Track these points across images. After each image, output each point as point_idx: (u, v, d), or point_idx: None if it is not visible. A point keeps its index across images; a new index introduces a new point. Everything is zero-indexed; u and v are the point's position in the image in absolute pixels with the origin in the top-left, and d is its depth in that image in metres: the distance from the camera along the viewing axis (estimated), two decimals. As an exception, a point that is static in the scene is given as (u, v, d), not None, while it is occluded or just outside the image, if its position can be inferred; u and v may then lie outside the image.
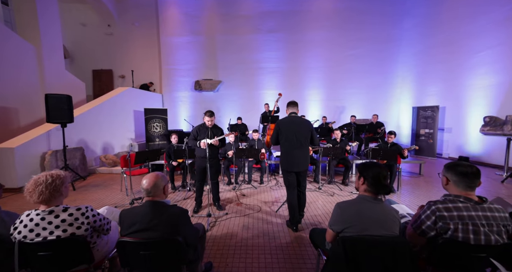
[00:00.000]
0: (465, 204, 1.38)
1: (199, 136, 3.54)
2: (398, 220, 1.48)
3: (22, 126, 6.54)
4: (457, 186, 1.43)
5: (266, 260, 2.43)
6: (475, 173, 1.37)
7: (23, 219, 1.44)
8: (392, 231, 1.43)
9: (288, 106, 3.16)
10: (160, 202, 1.57)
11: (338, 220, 1.52)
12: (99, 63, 10.98)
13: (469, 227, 1.33)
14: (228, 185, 5.03)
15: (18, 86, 6.35)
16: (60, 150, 5.26)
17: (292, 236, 2.88)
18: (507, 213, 1.35)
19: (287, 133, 2.97)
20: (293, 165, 2.98)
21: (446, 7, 7.71)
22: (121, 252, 1.50)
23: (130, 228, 1.49)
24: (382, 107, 9.92)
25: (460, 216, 1.35)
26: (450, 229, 1.35)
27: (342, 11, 9.77)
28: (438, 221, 1.39)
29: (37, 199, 1.42)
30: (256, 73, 10.26)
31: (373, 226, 1.43)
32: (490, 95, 6.36)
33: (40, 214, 1.44)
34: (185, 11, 10.26)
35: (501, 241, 1.30)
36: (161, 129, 8.25)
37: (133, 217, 1.50)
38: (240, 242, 2.78)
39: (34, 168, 5.00)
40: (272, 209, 3.76)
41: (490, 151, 6.35)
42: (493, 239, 1.30)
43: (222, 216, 3.51)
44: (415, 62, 9.12)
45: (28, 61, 6.75)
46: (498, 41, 6.19)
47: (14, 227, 1.43)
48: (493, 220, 1.32)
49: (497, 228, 1.31)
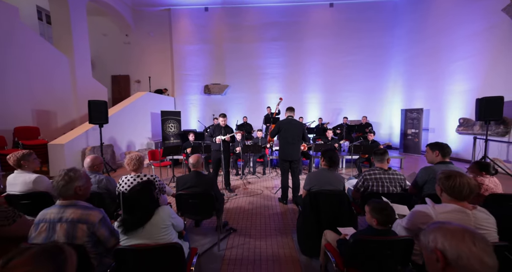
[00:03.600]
0: (379, 171, 2.37)
1: (215, 134, 4.56)
2: (342, 182, 2.48)
3: (59, 127, 7.66)
4: (377, 161, 2.42)
5: (265, 221, 3.44)
6: (383, 153, 2.36)
7: (123, 180, 2.47)
8: (338, 187, 2.43)
9: (287, 110, 4.17)
10: (200, 171, 2.59)
11: (307, 183, 2.53)
12: (118, 69, 12.11)
13: (379, 183, 2.32)
14: (236, 176, 6.04)
15: (55, 92, 7.44)
16: (97, 146, 6.33)
17: (283, 208, 3.89)
18: (403, 176, 2.34)
19: (285, 131, 3.99)
20: (287, 155, 3.99)
21: (430, 20, 8.61)
22: (178, 201, 2.52)
23: (183, 186, 2.52)
24: (375, 109, 10.86)
25: (376, 178, 2.34)
26: (370, 185, 2.35)
27: (339, 21, 10.74)
28: (365, 181, 2.38)
29: (131, 167, 2.45)
30: (260, 78, 11.28)
31: (327, 185, 2.43)
32: (465, 99, 7.27)
33: (132, 177, 2.47)
34: (196, 22, 11.32)
35: (396, 190, 2.29)
36: (175, 129, 9.30)
37: (185, 180, 2.53)
38: (246, 211, 3.79)
39: (77, 161, 6.07)
40: (271, 192, 4.76)
41: (465, 148, 7.24)
42: (392, 189, 2.29)
43: (232, 196, 4.52)
44: (405, 68, 10.03)
45: (63, 70, 7.85)
46: (471, 52, 7.09)
47: (118, 184, 2.46)
48: (393, 180, 2.31)
49: (395, 184, 2.30)
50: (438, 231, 0.82)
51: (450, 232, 0.79)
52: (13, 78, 6.03)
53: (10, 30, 5.95)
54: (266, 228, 3.21)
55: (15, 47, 6.10)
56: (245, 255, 2.58)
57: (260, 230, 3.16)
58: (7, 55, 5.88)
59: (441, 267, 0.79)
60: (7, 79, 5.86)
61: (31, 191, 2.38)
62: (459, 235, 0.78)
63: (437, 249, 0.81)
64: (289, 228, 3.20)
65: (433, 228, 0.85)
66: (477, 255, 0.74)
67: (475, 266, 0.73)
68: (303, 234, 2.48)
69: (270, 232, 3.10)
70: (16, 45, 6.12)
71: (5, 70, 5.81)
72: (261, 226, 3.29)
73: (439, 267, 0.80)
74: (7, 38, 5.88)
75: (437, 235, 0.82)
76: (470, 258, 0.74)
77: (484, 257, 0.74)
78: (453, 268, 0.77)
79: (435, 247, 0.81)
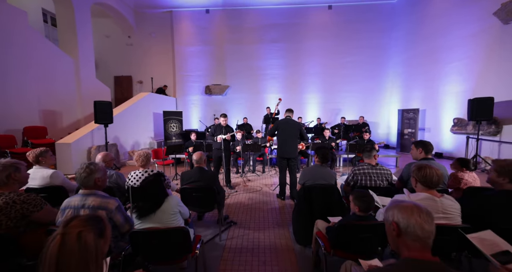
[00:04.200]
0: (367, 166, 2.58)
1: (216, 133, 4.77)
2: (334, 177, 2.69)
3: (64, 126, 7.89)
4: (365, 157, 2.63)
5: (263, 215, 3.65)
6: (370, 150, 2.57)
7: (132, 175, 2.68)
8: (329, 182, 2.64)
9: (286, 111, 4.39)
10: (203, 167, 2.81)
11: (302, 177, 2.74)
12: (120, 70, 12.34)
13: (367, 177, 2.53)
14: (237, 174, 6.26)
15: (60, 93, 7.66)
16: (102, 146, 6.56)
17: (281, 203, 4.11)
18: (389, 171, 2.55)
19: (282, 130, 4.21)
20: (284, 153, 4.20)
21: (427, 21, 8.80)
22: (182, 195, 2.74)
23: (187, 181, 2.74)
24: (373, 109, 11.07)
25: (364, 172, 2.55)
26: (359, 179, 2.56)
27: (337, 23, 10.95)
28: (354, 176, 2.60)
29: (140, 163, 2.66)
30: (260, 78, 11.50)
31: (320, 179, 2.64)
32: (459, 100, 7.47)
33: (141, 172, 2.68)
34: (197, 23, 11.55)
35: (383, 184, 2.50)
36: (177, 129, 9.52)
37: (189, 175, 2.75)
38: (245, 206, 4.00)
39: (83, 159, 6.30)
40: (270, 189, 4.98)
41: (459, 147, 7.44)
42: (379, 183, 2.50)
43: (233, 192, 4.74)
44: (402, 69, 10.23)
45: (68, 71, 8.08)
46: (465, 54, 7.29)
47: (128, 179, 2.68)
48: (380, 174, 2.53)
49: (382, 178, 2.52)
50: (395, 207, 1.03)
51: (403, 208, 1.00)
52: (21, 80, 6.26)
53: (19, 33, 6.17)
54: (264, 221, 3.43)
55: (24, 49, 6.33)
56: (244, 244, 2.79)
57: (258, 223, 3.37)
58: (16, 57, 6.11)
59: (395, 234, 1.01)
60: (15, 80, 6.09)
61: (48, 185, 2.61)
62: (409, 210, 0.99)
63: (394, 221, 1.02)
64: (286, 221, 3.41)
65: (391, 206, 1.06)
66: (420, 224, 0.95)
67: (418, 232, 0.95)
68: (298, 225, 2.69)
69: (268, 225, 3.31)
70: (24, 48, 6.35)
71: (13, 71, 6.04)
72: (259, 219, 3.50)
73: (394, 235, 1.02)
74: (16, 41, 6.11)
75: (394, 211, 1.03)
76: (415, 227, 0.95)
77: (424, 226, 0.95)
78: (404, 235, 0.98)
79: (392, 220, 1.02)
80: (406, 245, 0.98)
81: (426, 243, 0.96)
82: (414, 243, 0.96)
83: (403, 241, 0.99)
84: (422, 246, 0.96)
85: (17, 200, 1.64)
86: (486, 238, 1.29)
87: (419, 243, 0.96)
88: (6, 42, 5.88)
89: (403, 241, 1.00)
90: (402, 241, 1.00)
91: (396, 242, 1.02)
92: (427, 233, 0.94)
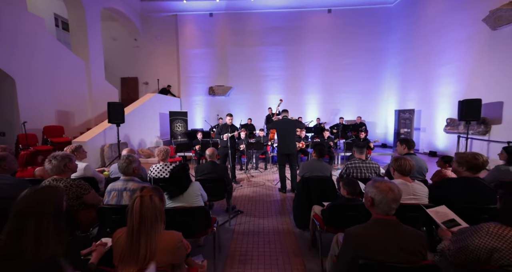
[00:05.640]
0: (359, 161, 2.98)
1: (222, 132, 5.18)
2: (329, 170, 3.09)
3: (77, 126, 8.30)
4: (357, 153, 3.03)
5: (267, 205, 4.06)
6: (362, 146, 2.97)
7: (154, 168, 3.09)
8: (325, 174, 3.04)
9: (282, 112, 4.80)
10: (214, 161, 3.21)
11: (301, 170, 3.15)
12: (127, 72, 12.75)
13: (358, 171, 2.93)
14: (241, 170, 6.66)
15: (73, 94, 8.07)
16: (114, 144, 6.97)
17: (282, 196, 4.53)
18: (377, 165, 2.95)
19: (281, 129, 4.62)
20: (284, 149, 4.62)
21: (422, 25, 9.19)
22: (197, 185, 3.13)
23: (201, 173, 3.14)
24: (371, 110, 11.47)
25: (355, 166, 2.95)
26: (351, 172, 2.96)
27: (337, 26, 11.34)
28: (347, 169, 2.99)
29: (160, 158, 3.07)
30: (262, 80, 11.90)
31: (317, 171, 3.04)
32: (451, 101, 7.84)
33: (161, 165, 3.09)
34: (201, 27, 11.96)
35: (372, 176, 2.90)
36: (183, 128, 9.93)
37: (203, 168, 3.16)
38: (250, 198, 4.41)
39: (97, 157, 6.72)
40: (272, 184, 5.37)
41: (451, 146, 7.82)
42: (368, 175, 2.90)
43: (238, 186, 5.14)
44: (399, 71, 10.61)
45: (79, 73, 8.48)
46: (457, 57, 7.67)
47: (149, 171, 3.09)
48: (370, 168, 2.92)
49: (371, 171, 2.91)
50: (373, 185, 1.40)
51: (379, 186, 1.37)
52: (41, 82, 6.69)
53: (37, 39, 6.59)
54: (268, 211, 3.83)
55: (42, 54, 6.76)
56: (251, 229, 3.20)
57: (262, 212, 3.78)
58: (37, 61, 6.54)
59: (369, 205, 1.41)
60: (36, 83, 6.52)
61: (82, 176, 3.01)
62: (384, 192, 1.32)
63: (370, 196, 1.38)
64: (287, 210, 3.82)
65: (370, 183, 1.44)
66: (388, 200, 1.31)
67: (385, 208, 1.32)
68: (298, 211, 3.09)
69: (271, 213, 3.72)
70: (42, 52, 6.77)
71: (34, 75, 6.46)
72: (263, 209, 3.91)
73: (368, 205, 1.42)
74: (38, 46, 6.54)
75: (372, 188, 1.39)
76: (383, 202, 1.32)
77: (391, 204, 1.31)
78: (375, 207, 1.35)
79: (369, 196, 1.39)
80: (375, 212, 1.38)
81: (389, 213, 1.35)
82: (381, 211, 1.36)
83: (374, 209, 1.39)
84: (386, 213, 1.36)
85: (73, 184, 2.05)
86: (439, 211, 1.69)
87: (384, 212, 1.35)
88: (29, 48, 6.32)
89: (373, 209, 1.40)
90: (373, 209, 1.40)
91: (369, 208, 1.42)
92: (391, 209, 1.33)
